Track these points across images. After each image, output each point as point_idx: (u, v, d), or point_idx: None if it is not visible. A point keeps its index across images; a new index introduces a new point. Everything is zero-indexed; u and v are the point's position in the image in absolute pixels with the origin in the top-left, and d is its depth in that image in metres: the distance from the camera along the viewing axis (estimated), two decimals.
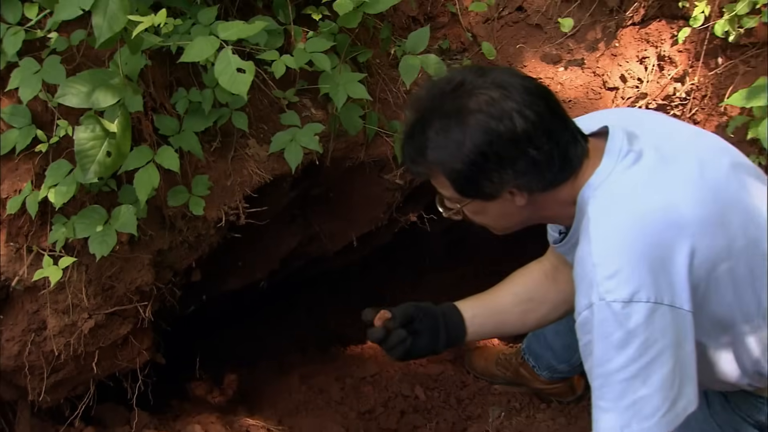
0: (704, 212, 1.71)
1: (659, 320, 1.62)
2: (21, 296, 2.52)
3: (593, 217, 1.71)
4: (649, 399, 1.63)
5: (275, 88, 2.57)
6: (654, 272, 1.62)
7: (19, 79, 2.34)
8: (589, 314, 1.64)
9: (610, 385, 1.65)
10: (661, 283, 1.62)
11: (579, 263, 1.70)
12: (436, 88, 1.74)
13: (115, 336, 2.61)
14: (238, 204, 2.58)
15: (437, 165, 1.73)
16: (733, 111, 2.58)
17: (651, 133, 1.81)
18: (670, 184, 1.72)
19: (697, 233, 1.68)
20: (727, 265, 1.72)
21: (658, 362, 1.62)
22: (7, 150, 2.39)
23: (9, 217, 2.45)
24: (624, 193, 1.71)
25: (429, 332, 2.20)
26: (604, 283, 1.62)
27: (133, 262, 2.54)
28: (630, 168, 1.73)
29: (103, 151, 2.27)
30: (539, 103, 1.68)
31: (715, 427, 2.05)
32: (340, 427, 3.05)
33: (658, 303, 1.61)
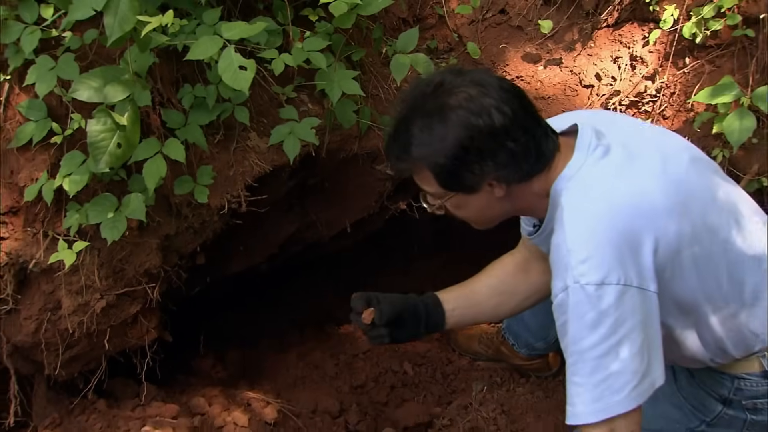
0: (668, 202, 1.74)
1: (629, 301, 1.64)
2: (38, 278, 2.53)
3: (566, 205, 1.73)
4: (620, 375, 1.65)
5: (275, 85, 2.58)
6: (623, 257, 1.65)
7: (35, 75, 2.35)
8: (565, 296, 1.67)
9: (583, 362, 1.67)
10: (630, 267, 1.65)
11: (554, 250, 1.72)
12: (417, 89, 1.76)
13: (125, 315, 2.62)
14: (239, 192, 2.58)
15: (422, 160, 1.73)
16: (700, 107, 2.60)
17: (617, 131, 1.85)
18: (636, 175, 1.76)
19: (662, 221, 1.71)
20: (690, 251, 1.75)
21: (628, 340, 1.64)
22: (24, 141, 2.40)
23: (26, 204, 2.46)
24: (595, 184, 1.74)
25: (411, 324, 2.26)
26: (578, 267, 1.65)
27: (142, 246, 2.55)
28: (599, 161, 1.76)
29: (114, 143, 2.29)
30: (514, 101, 1.71)
31: (681, 401, 2.07)
32: (334, 400, 3.05)
33: (627, 285, 1.64)
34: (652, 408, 1.81)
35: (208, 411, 2.88)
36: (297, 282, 3.75)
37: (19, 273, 2.52)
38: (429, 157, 1.72)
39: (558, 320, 1.72)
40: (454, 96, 1.69)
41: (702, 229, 1.79)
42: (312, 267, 3.68)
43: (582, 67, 2.79)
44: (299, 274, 3.71)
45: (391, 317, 2.22)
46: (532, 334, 2.86)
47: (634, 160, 1.78)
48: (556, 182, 1.77)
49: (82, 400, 2.80)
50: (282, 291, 3.73)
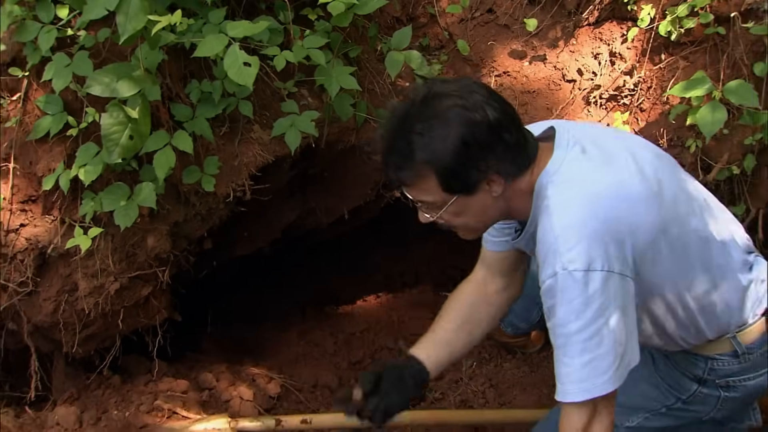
0: (645, 192, 1.76)
1: (612, 287, 1.65)
2: (56, 262, 2.54)
3: (552, 196, 1.72)
4: (605, 357, 1.66)
5: (276, 80, 2.58)
6: (606, 244, 1.65)
7: (52, 71, 2.36)
8: (553, 282, 1.66)
9: (572, 344, 1.67)
10: (612, 254, 1.65)
11: (542, 239, 1.71)
12: (407, 101, 1.72)
13: (138, 297, 2.64)
14: (244, 182, 2.58)
15: (426, 164, 1.67)
16: (675, 100, 2.61)
17: (587, 133, 1.85)
18: (614, 169, 1.76)
19: (641, 209, 1.73)
20: (666, 238, 1.76)
21: (611, 324, 1.65)
22: (42, 134, 2.41)
23: (44, 193, 2.47)
24: (578, 176, 1.73)
25: (397, 387, 2.07)
26: (566, 254, 1.64)
27: (152, 232, 2.56)
28: (579, 156, 1.76)
29: (126, 135, 2.30)
30: (498, 98, 1.71)
31: (659, 381, 2.07)
32: (333, 376, 3.08)
33: (610, 271, 1.64)
34: (632, 388, 1.82)
35: (216, 386, 2.90)
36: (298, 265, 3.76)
37: (38, 257, 2.54)
38: (434, 158, 1.66)
39: (546, 303, 1.72)
40: (447, 99, 1.66)
41: (675, 217, 1.80)
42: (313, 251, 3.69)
43: (565, 63, 2.79)
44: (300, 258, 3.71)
45: (374, 378, 2.05)
46: (516, 315, 2.87)
47: (609, 156, 1.79)
48: (540, 177, 1.75)
49: (98, 376, 2.82)
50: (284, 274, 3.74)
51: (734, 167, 2.53)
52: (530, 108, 2.79)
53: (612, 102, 2.72)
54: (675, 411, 2.07)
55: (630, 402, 1.73)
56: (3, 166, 2.49)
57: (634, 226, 1.70)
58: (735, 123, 2.51)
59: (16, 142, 2.49)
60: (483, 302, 2.21)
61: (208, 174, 2.52)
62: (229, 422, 2.59)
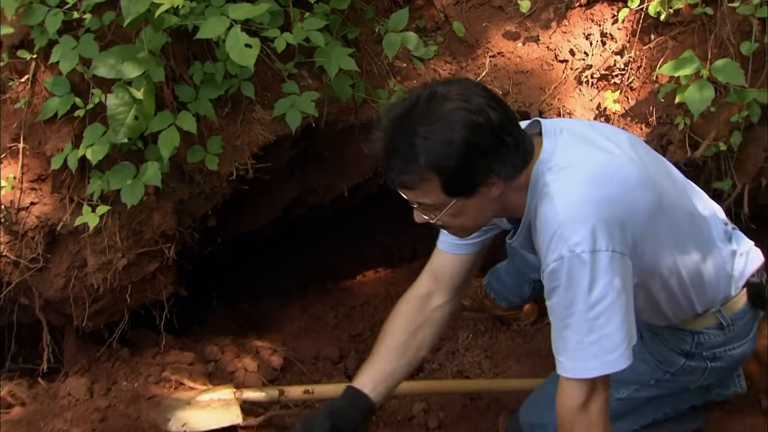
0: (637, 171, 1.77)
1: (616, 266, 1.65)
2: (65, 239, 2.55)
3: (552, 182, 1.70)
4: (614, 334, 1.66)
5: (277, 62, 2.57)
6: (609, 225, 1.65)
7: (59, 54, 2.35)
8: (559, 265, 1.65)
9: (579, 323, 1.67)
10: (615, 234, 1.65)
11: (544, 225, 1.69)
12: (408, 103, 1.67)
13: (145, 272, 2.65)
14: (246, 161, 2.58)
15: (430, 167, 1.62)
16: (664, 79, 2.60)
17: (566, 123, 1.86)
18: (604, 153, 1.77)
19: (637, 190, 1.74)
20: (660, 216, 1.78)
21: (618, 303, 1.65)
22: (50, 115, 2.41)
23: (54, 172, 2.48)
24: (573, 160, 1.73)
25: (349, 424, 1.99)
26: (572, 238, 1.63)
27: (158, 210, 2.57)
28: (569, 141, 1.76)
29: (131, 116, 2.31)
30: (498, 99, 1.68)
31: (647, 356, 2.09)
32: (334, 348, 3.09)
33: (614, 251, 1.65)
34: None
35: (221, 358, 2.91)
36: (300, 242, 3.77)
37: (48, 235, 2.55)
38: (438, 162, 1.62)
39: (548, 285, 1.70)
40: (449, 101, 1.62)
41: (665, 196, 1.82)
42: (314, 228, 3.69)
43: (557, 44, 2.78)
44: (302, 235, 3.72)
45: (331, 428, 1.97)
46: (509, 291, 2.87)
47: (593, 141, 1.79)
48: (535, 168, 1.73)
49: (108, 349, 2.83)
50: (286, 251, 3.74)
51: (721, 144, 2.53)
52: (524, 88, 2.79)
53: (603, 81, 2.71)
54: (663, 383, 2.10)
55: (620, 376, 1.75)
56: (13, 146, 2.50)
57: (632, 206, 1.71)
58: (722, 101, 2.51)
59: (25, 123, 2.49)
60: (425, 323, 2.12)
61: (211, 153, 2.52)
62: (234, 393, 2.62)
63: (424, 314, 2.12)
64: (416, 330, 2.11)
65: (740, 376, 2.17)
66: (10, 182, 2.48)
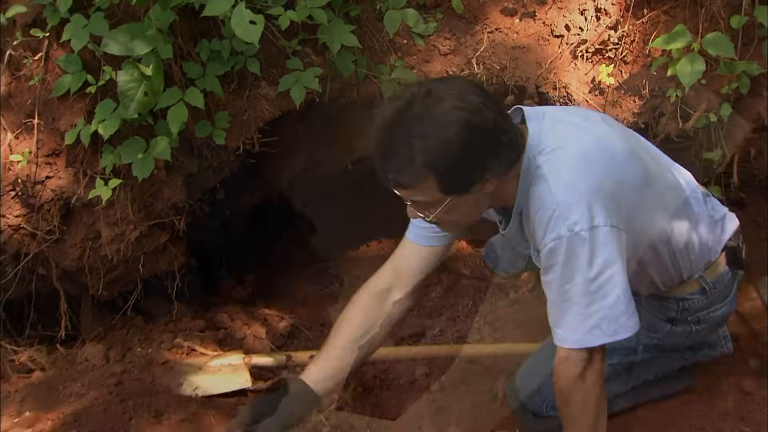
0: (623, 147, 1.78)
1: (613, 240, 1.65)
2: (79, 211, 2.58)
3: (544, 164, 1.69)
4: (614, 306, 1.67)
5: (282, 39, 2.57)
6: (603, 200, 1.65)
7: (71, 32, 2.35)
8: (557, 243, 1.65)
9: (579, 298, 1.67)
10: (610, 209, 1.66)
11: (540, 206, 1.68)
12: (403, 102, 1.63)
13: (156, 243, 2.67)
14: (253, 135, 2.60)
15: (428, 168, 1.59)
16: (656, 53, 2.59)
17: (545, 108, 1.85)
18: (587, 130, 1.76)
19: (626, 164, 1.75)
20: (649, 189, 1.79)
21: (618, 275, 1.66)
22: (63, 91, 2.42)
23: (67, 147, 2.49)
24: (561, 141, 1.72)
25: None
26: (570, 217, 1.63)
27: (168, 183, 2.59)
28: (554, 124, 1.76)
29: (141, 92, 2.31)
30: (491, 96, 1.67)
31: None
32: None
33: (611, 226, 1.65)
34: None
35: (231, 325, 2.95)
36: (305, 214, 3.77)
37: (63, 207, 2.57)
38: (435, 163, 1.58)
39: (546, 261, 1.70)
40: (446, 101, 1.59)
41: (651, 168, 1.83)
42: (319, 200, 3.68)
43: (553, 19, 2.77)
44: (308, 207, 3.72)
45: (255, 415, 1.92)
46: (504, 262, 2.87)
47: (575, 122, 1.79)
48: (525, 154, 1.72)
49: (122, 317, 2.87)
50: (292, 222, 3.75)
51: (711, 115, 2.53)
52: (521, 63, 2.78)
53: (597, 55, 2.70)
54: (651, 348, 2.13)
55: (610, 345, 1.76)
56: (28, 122, 2.51)
57: (623, 180, 1.72)
58: (712, 73, 2.50)
59: (40, 100, 2.50)
60: (382, 319, 2.05)
61: (219, 128, 2.53)
62: (243, 358, 2.65)
63: (383, 309, 2.06)
64: (372, 326, 2.04)
65: (727, 338, 2.20)
66: (26, 157, 2.49)
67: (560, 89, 2.71)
